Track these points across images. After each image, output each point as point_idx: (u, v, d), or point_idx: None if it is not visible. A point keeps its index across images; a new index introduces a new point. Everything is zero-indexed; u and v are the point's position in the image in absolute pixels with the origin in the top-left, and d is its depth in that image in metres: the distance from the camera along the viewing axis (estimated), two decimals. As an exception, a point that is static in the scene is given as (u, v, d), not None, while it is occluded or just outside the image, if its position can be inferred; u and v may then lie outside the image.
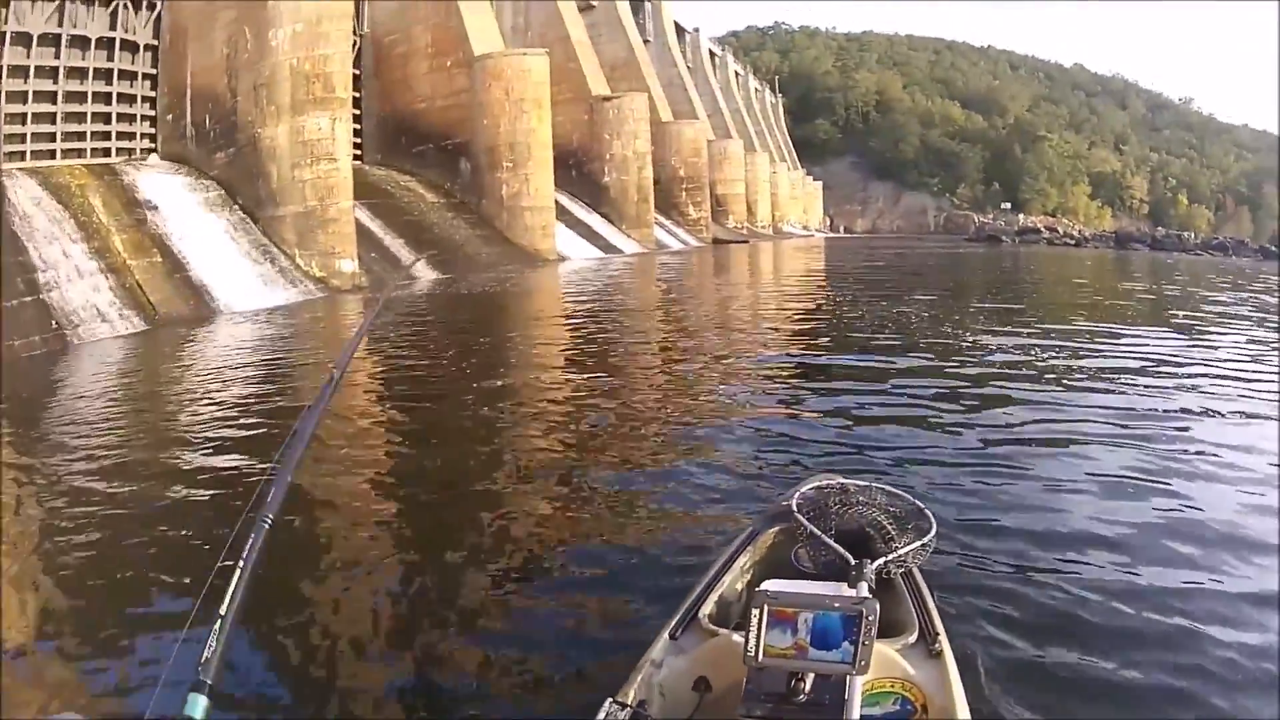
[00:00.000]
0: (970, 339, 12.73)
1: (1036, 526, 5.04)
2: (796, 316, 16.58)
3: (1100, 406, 8.02)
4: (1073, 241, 65.19)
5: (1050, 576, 4.38)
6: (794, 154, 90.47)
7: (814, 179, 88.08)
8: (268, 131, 21.77)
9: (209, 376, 11.54)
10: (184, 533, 5.42)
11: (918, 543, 3.08)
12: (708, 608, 2.90)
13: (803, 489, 3.49)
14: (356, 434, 7.63)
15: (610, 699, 2.38)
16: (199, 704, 1.48)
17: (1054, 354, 11.08)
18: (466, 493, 6.10)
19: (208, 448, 7.48)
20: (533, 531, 5.38)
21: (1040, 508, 5.36)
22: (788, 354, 11.83)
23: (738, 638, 2.47)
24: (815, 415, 7.96)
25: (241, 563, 1.73)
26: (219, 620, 1.60)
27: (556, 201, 32.52)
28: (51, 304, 15.72)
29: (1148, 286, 25.79)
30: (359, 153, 30.61)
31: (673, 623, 2.83)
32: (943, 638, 2.70)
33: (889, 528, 3.14)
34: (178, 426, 8.64)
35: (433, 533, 5.42)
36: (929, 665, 2.59)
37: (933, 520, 3.21)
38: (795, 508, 3.30)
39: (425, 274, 24.39)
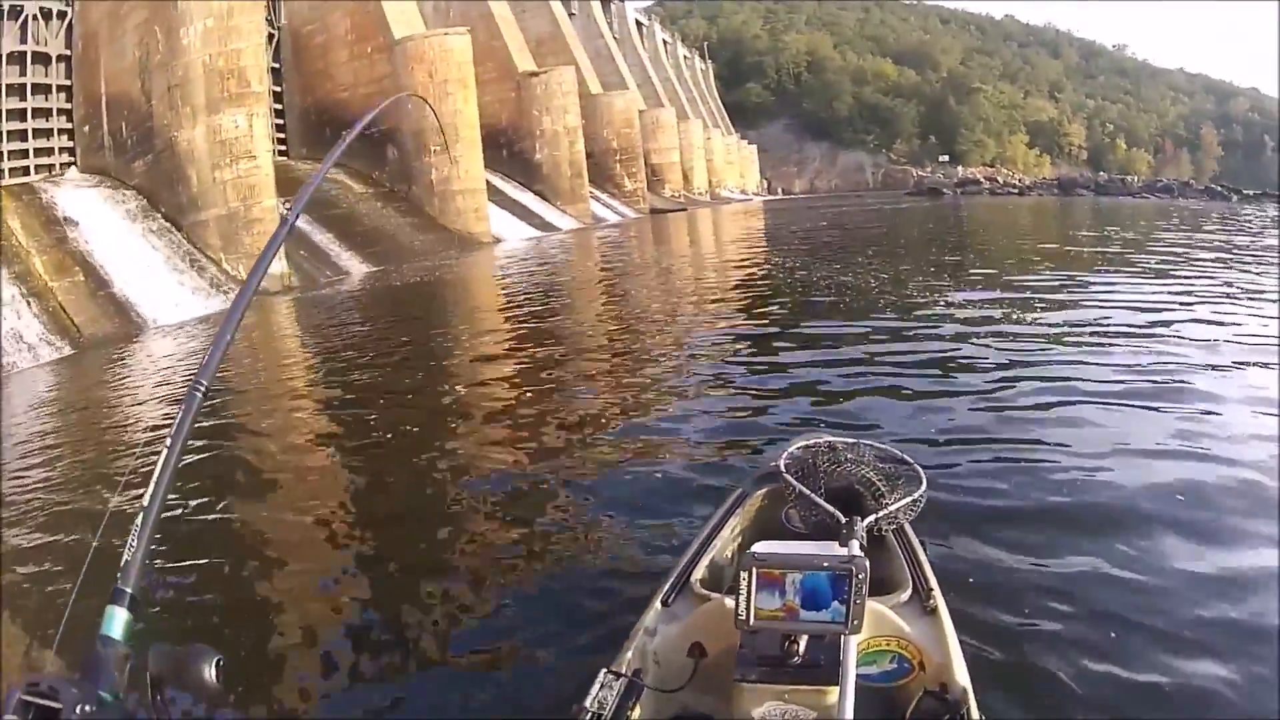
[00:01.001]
0: (930, 297, 12.31)
1: (1025, 480, 4.99)
2: (743, 285, 16.11)
3: (1083, 362, 7.78)
4: (1016, 190, 64.44)
5: (1045, 529, 4.34)
6: (727, 119, 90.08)
7: (749, 143, 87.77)
8: (184, 134, 21.09)
9: (122, 401, 11.13)
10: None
11: (908, 499, 3.06)
12: (699, 572, 2.86)
13: (791, 449, 3.42)
14: (285, 455, 7.30)
15: (605, 669, 2.35)
16: (117, 619, 1.23)
17: (1021, 307, 10.80)
18: (418, 492, 5.92)
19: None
20: (503, 519, 5.27)
21: (1029, 461, 5.30)
22: (738, 325, 11.40)
23: (730, 602, 2.36)
24: (779, 387, 7.72)
25: (169, 442, 1.47)
26: (139, 521, 1.34)
27: (488, 182, 31.98)
28: None
29: (1105, 232, 25.31)
30: (284, 148, 30.02)
31: (664, 589, 2.79)
32: (937, 594, 2.66)
33: (879, 484, 3.10)
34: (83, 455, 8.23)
35: (389, 538, 5.21)
36: (924, 622, 2.54)
37: (923, 476, 3.20)
38: (783, 468, 3.26)
39: (356, 268, 23.83)
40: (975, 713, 2.26)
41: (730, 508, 3.36)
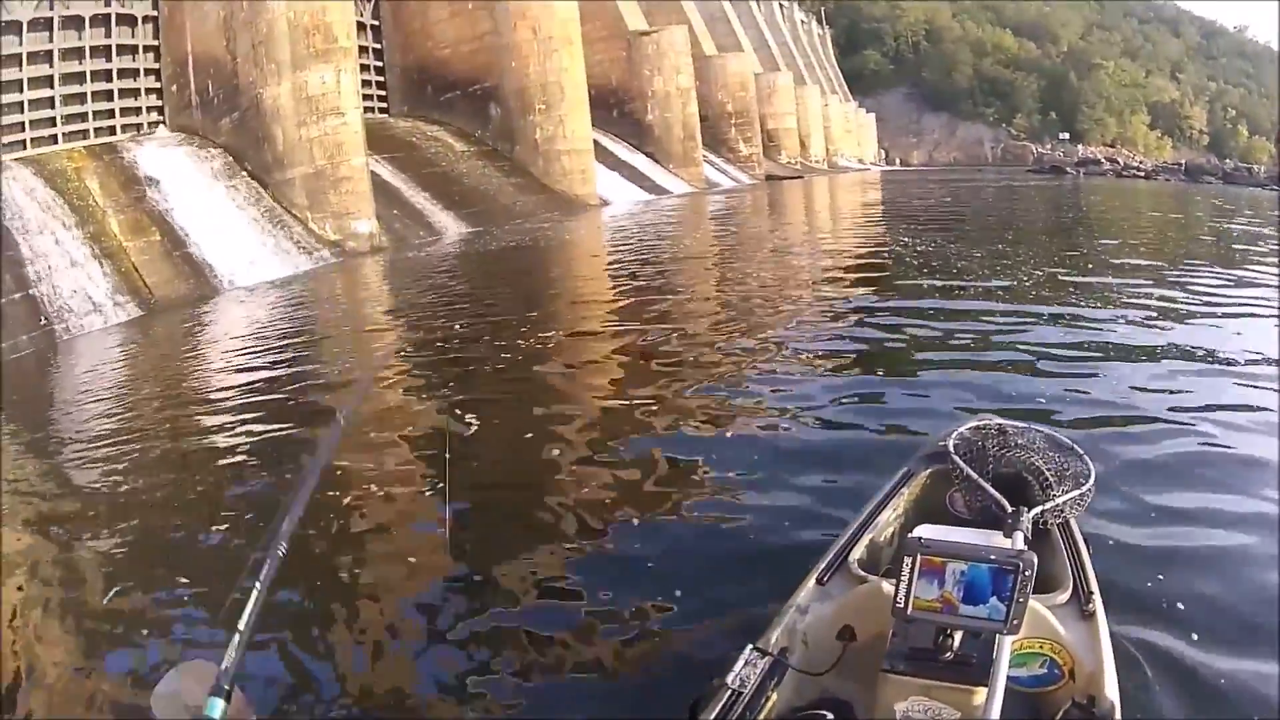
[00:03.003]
0: (1080, 283, 10.72)
1: (1198, 486, 4.46)
2: (864, 259, 14.21)
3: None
4: (1142, 173, 57.92)
5: (1217, 537, 3.92)
6: (845, 87, 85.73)
7: (866, 111, 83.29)
8: (269, 91, 19.71)
9: (179, 372, 10.22)
10: (202, 546, 4.78)
11: (1076, 492, 2.85)
12: (858, 552, 2.75)
13: (960, 429, 3.21)
14: (382, 420, 6.56)
15: (751, 645, 2.28)
16: (218, 706, 1.50)
17: (1187, 300, 9.60)
18: (535, 461, 5.45)
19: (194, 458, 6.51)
20: (635, 489, 4.87)
21: (1200, 464, 4.74)
22: (860, 300, 10.23)
23: (887, 586, 2.30)
24: (916, 366, 7.03)
25: (258, 585, 1.69)
26: (236, 635, 1.59)
27: (596, 143, 29.59)
28: (40, 298, 14.51)
29: (1263, 231, 20.62)
30: (385, 105, 28.21)
31: (821, 567, 2.70)
32: (1097, 598, 2.48)
33: (1047, 474, 2.87)
34: (147, 428, 7.52)
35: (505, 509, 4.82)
36: (1081, 627, 2.38)
37: (1091, 468, 2.96)
38: (952, 448, 3.05)
39: (451, 228, 21.90)
40: None
41: (895, 486, 3.21)
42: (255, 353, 10.06)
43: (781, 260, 15.14)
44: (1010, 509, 2.65)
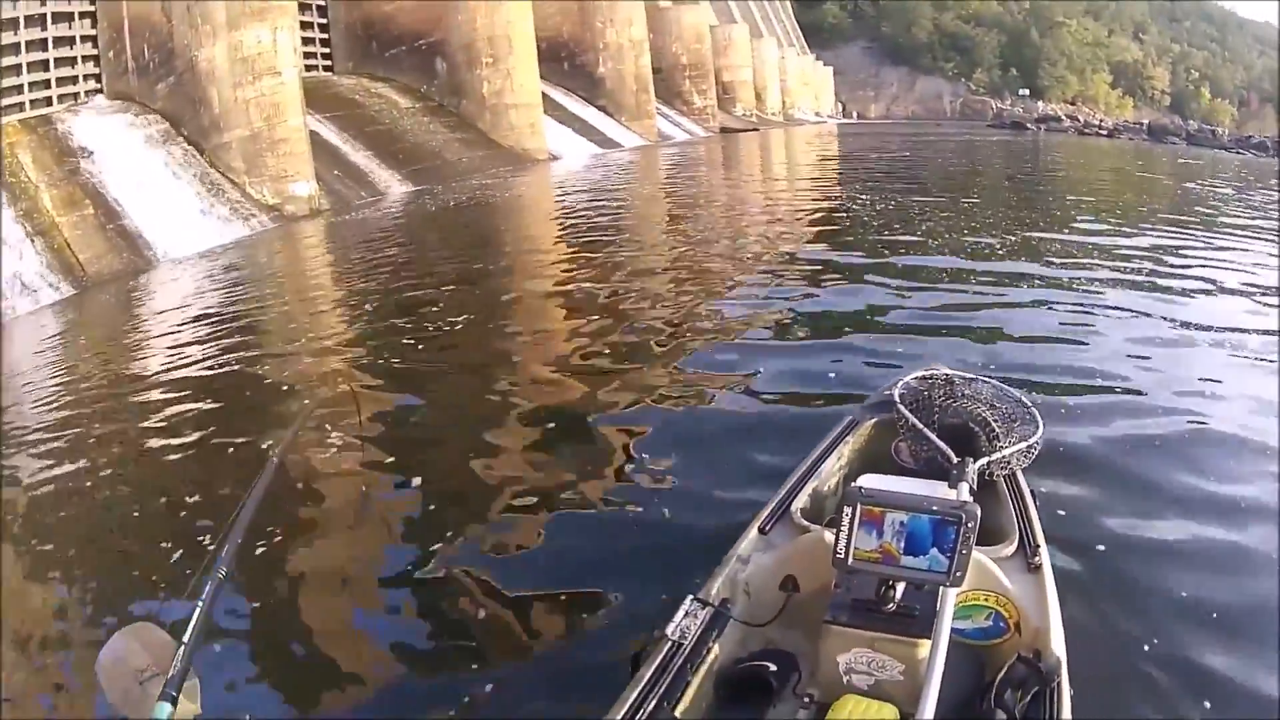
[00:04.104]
0: (1040, 240, 10.76)
1: (1136, 435, 4.49)
2: (819, 213, 14.11)
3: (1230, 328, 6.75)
4: (1104, 131, 57.62)
5: (1162, 493, 3.92)
6: (803, 40, 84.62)
7: (824, 64, 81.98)
8: (204, 53, 18.81)
9: (109, 356, 9.49)
10: (143, 537, 4.50)
11: (1024, 443, 2.84)
12: (800, 501, 2.72)
13: (907, 379, 3.23)
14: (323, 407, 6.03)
15: (691, 596, 2.28)
16: (165, 710, 1.48)
17: (1152, 258, 9.53)
18: (474, 423, 5.36)
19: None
20: (581, 445, 4.87)
21: (1149, 416, 4.81)
22: (814, 253, 10.19)
23: (829, 536, 2.21)
24: (864, 317, 7.02)
25: (201, 600, 1.71)
26: (181, 647, 1.58)
27: (546, 96, 28.81)
28: None
29: (1228, 191, 20.43)
30: (329, 63, 27.16)
31: (763, 516, 2.67)
32: (1043, 551, 2.48)
33: (994, 425, 2.86)
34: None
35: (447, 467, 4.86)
36: (1026, 580, 2.37)
37: (1040, 420, 2.97)
38: (898, 398, 3.05)
39: (395, 188, 21.16)
40: (1067, 687, 2.04)
41: (839, 435, 3.17)
42: (186, 331, 9.54)
43: (735, 216, 14.75)
44: (955, 460, 2.62)
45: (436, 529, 4.06)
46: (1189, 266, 9.23)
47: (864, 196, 15.36)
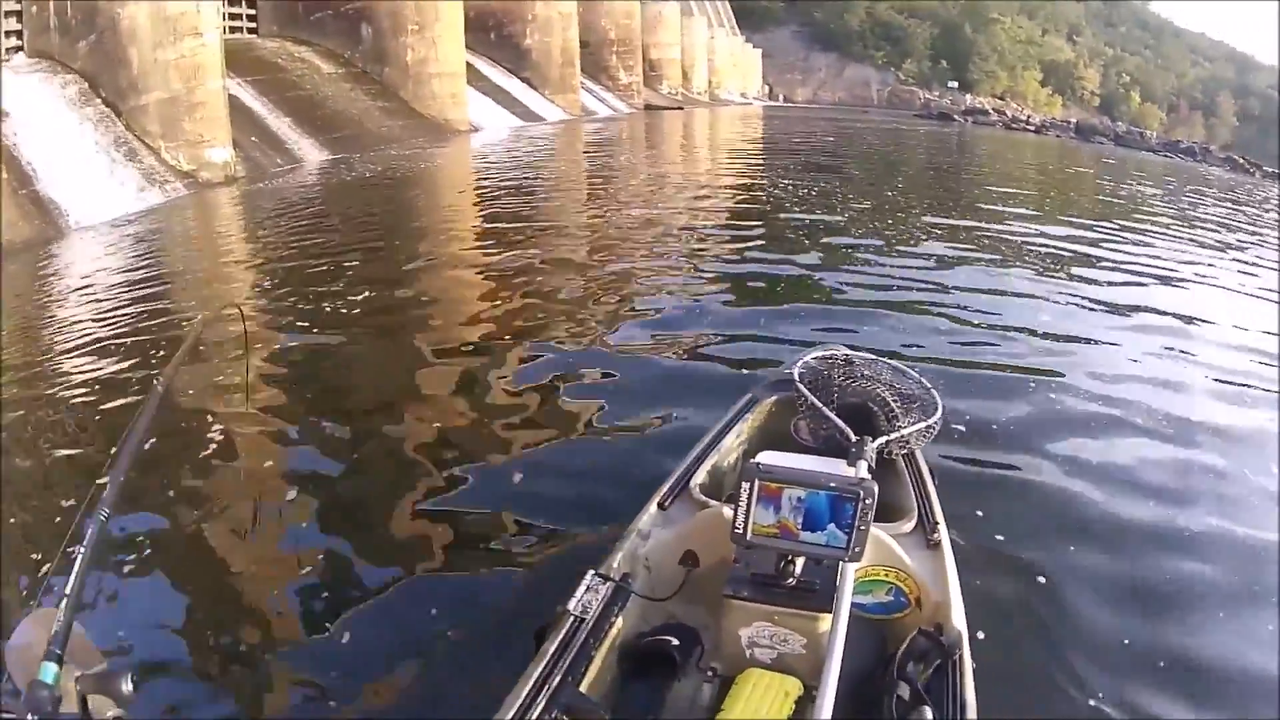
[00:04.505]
0: (950, 226, 11.18)
1: (1039, 417, 4.73)
2: (736, 192, 14.38)
3: (1131, 308, 7.39)
4: (1031, 127, 58.37)
5: (1058, 472, 4.14)
6: (733, 20, 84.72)
7: (754, 47, 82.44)
8: (127, 10, 18.06)
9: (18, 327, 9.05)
10: (38, 503, 4.40)
11: (923, 423, 2.90)
12: (700, 477, 2.75)
13: (806, 358, 3.29)
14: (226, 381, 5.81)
15: (593, 571, 2.30)
16: (50, 671, 1.41)
17: (1072, 249, 9.97)
18: (382, 397, 5.47)
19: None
20: (484, 419, 4.91)
21: (1043, 394, 5.06)
22: (729, 232, 10.48)
23: (728, 511, 2.23)
24: (774, 295, 7.28)
25: (81, 550, 1.59)
26: (63, 600, 1.50)
27: (470, 66, 28.47)
28: None
29: (1156, 191, 21.71)
30: (254, 25, 26.34)
31: (662, 491, 2.68)
32: (942, 528, 2.55)
33: (893, 405, 2.94)
34: None
35: (351, 439, 4.80)
36: (926, 556, 2.43)
37: (939, 401, 3.03)
38: (797, 376, 3.10)
39: (312, 155, 20.77)
40: (969, 660, 2.09)
41: (739, 413, 3.23)
42: (93, 297, 9.46)
43: (654, 193, 14.75)
44: (855, 438, 2.60)
45: (329, 485, 4.16)
46: (1104, 257, 9.71)
47: (786, 180, 15.53)
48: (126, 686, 1.40)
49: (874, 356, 3.28)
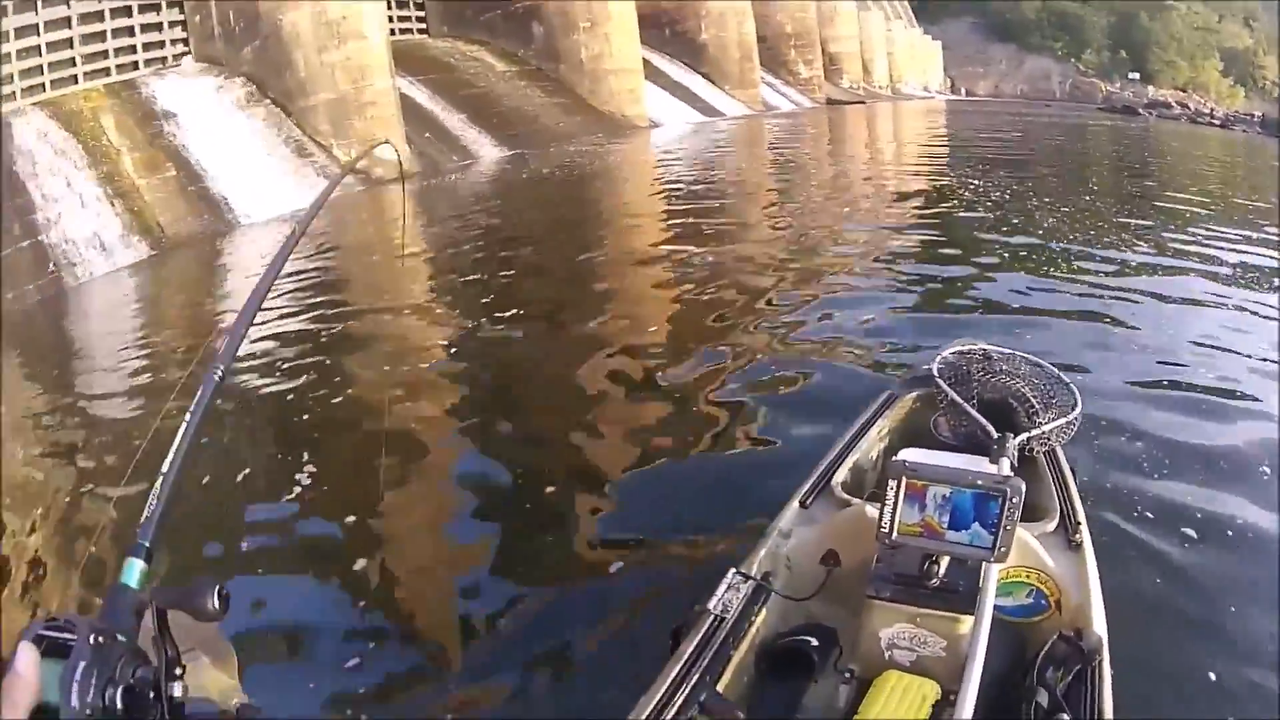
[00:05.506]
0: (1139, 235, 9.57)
1: (1192, 421, 4.32)
2: (925, 193, 13.18)
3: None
4: (1217, 121, 52.29)
5: (1211, 476, 3.78)
6: (910, 13, 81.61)
7: (932, 39, 79.09)
8: (289, 16, 18.13)
9: (188, 314, 9.92)
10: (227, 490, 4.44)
11: (1063, 419, 2.75)
12: (841, 475, 2.70)
13: (945, 353, 3.12)
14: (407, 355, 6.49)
15: (734, 570, 2.27)
16: (135, 569, 1.15)
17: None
18: (546, 395, 5.55)
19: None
20: (636, 415, 4.94)
21: (1196, 402, 4.59)
22: (914, 235, 9.84)
23: (871, 510, 2.30)
24: (951, 299, 6.85)
25: (188, 416, 1.36)
26: (160, 478, 1.26)
27: (647, 62, 27.18)
28: (50, 244, 13.50)
29: None
30: (423, 27, 26.02)
31: (804, 489, 2.64)
32: (1084, 529, 2.42)
33: (1033, 400, 2.80)
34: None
35: (511, 433, 4.90)
36: (1067, 558, 2.31)
37: (1078, 396, 2.87)
38: (936, 372, 2.99)
39: (488, 152, 20.02)
40: (1108, 666, 1.99)
41: (878, 409, 3.16)
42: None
43: (841, 191, 13.98)
44: (996, 435, 2.50)
45: (483, 485, 4.18)
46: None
47: (975, 180, 14.08)
48: (213, 602, 1.09)
49: (1011, 351, 3.06)
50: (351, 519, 3.93)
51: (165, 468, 1.27)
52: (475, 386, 5.78)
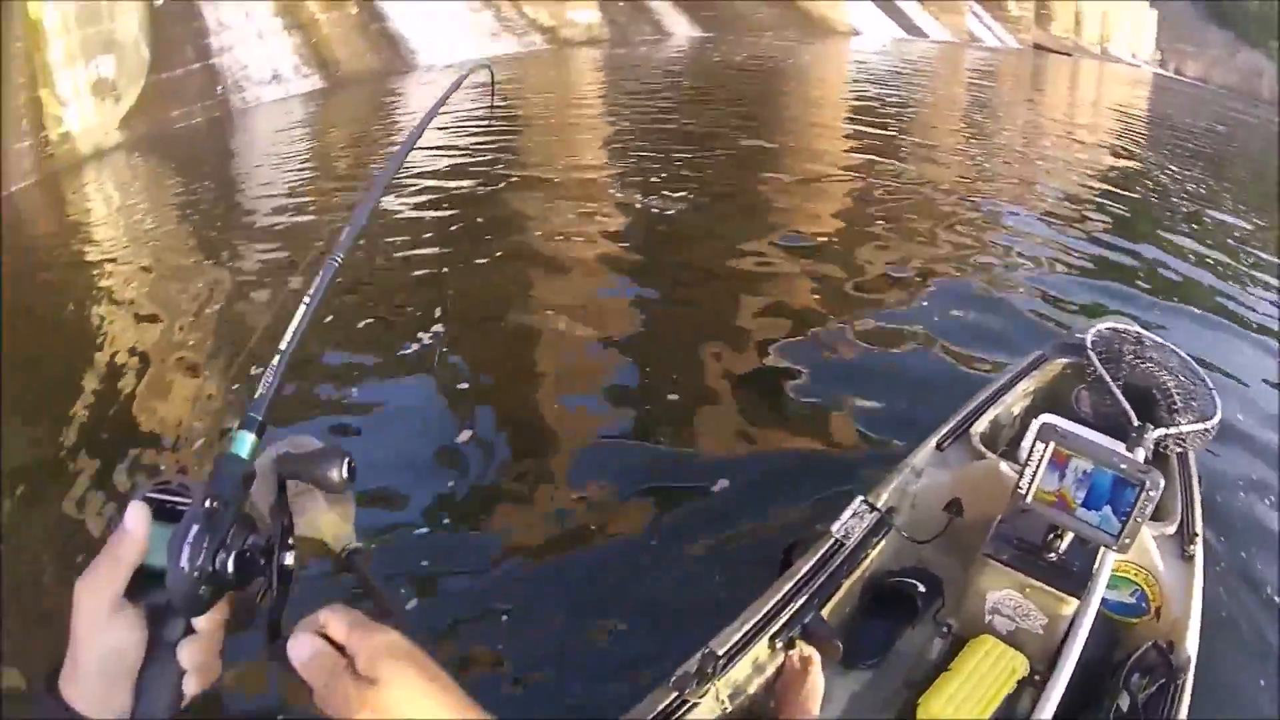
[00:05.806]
0: None
1: None
2: (1120, 174, 11.79)
3: None
4: None
5: None
6: (1128, -25, 76.45)
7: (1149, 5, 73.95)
8: None
9: (350, 146, 10.18)
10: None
11: (1203, 424, 2.59)
12: (981, 425, 2.65)
13: (1100, 326, 3.00)
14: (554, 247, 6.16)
15: (861, 498, 2.30)
16: (246, 441, 1.05)
17: None
18: (702, 310, 5.21)
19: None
20: (781, 347, 4.64)
21: None
22: (1091, 201, 9.22)
23: (1005, 467, 2.28)
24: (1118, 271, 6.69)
25: (306, 299, 1.17)
26: (277, 356, 1.14)
27: (857, -35, 25.54)
28: (221, 68, 13.57)
29: None
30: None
31: (942, 431, 2.61)
32: (1199, 542, 2.31)
33: (1176, 397, 2.65)
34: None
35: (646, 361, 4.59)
36: (1178, 567, 2.21)
37: (1218, 402, 2.69)
38: (1089, 344, 2.86)
39: (681, 29, 19.26)
40: (1189, 686, 1.93)
41: (1028, 367, 3.08)
42: (429, 135, 8.73)
43: (1030, 142, 13.18)
44: (1136, 423, 2.39)
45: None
46: None
47: (1171, 167, 13.10)
48: (340, 473, 1.02)
49: (1163, 340, 2.91)
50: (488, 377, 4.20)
51: (283, 345, 1.13)
52: (641, 253, 5.91)
